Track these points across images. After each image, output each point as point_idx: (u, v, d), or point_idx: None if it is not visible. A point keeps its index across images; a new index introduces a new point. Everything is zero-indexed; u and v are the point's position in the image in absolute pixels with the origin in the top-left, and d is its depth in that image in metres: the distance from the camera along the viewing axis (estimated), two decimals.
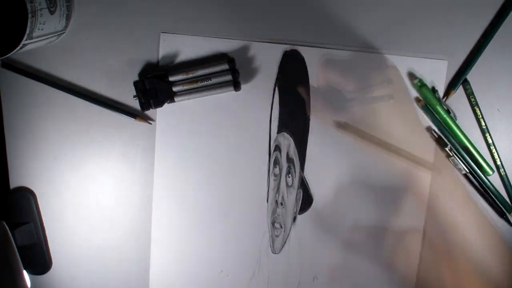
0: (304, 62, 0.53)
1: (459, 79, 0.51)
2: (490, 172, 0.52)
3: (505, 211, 0.53)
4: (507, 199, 0.53)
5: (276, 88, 0.53)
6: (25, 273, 0.53)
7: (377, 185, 0.53)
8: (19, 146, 0.56)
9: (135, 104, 0.55)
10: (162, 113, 0.55)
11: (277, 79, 0.53)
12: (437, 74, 0.52)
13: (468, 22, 0.51)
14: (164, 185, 0.56)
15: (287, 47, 0.53)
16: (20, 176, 0.57)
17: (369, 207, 0.54)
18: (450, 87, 0.52)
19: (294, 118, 0.53)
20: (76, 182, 0.57)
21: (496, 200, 0.53)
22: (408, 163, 0.53)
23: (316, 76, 0.52)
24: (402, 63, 0.52)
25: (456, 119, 0.52)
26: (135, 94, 0.53)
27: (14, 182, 0.57)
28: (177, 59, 0.54)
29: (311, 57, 0.52)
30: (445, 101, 0.52)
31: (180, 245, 0.57)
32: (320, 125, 0.53)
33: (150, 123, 0.55)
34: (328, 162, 0.54)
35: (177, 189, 0.56)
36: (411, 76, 0.52)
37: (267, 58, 0.53)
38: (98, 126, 0.56)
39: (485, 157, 0.53)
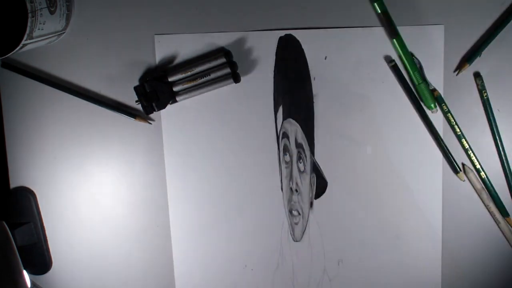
0: (300, 45, 0.53)
1: (476, 53, 0.50)
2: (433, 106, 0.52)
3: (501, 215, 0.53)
4: (511, 199, 0.53)
5: (276, 75, 0.53)
6: (25, 273, 0.53)
7: (392, 155, 0.53)
8: (19, 146, 0.56)
9: (134, 103, 0.55)
10: (166, 115, 0.55)
11: (276, 65, 0.53)
12: (435, 40, 0.51)
13: None
14: (177, 185, 0.56)
15: (282, 33, 0.53)
16: (20, 176, 0.57)
17: (387, 181, 0.54)
18: (465, 60, 0.51)
19: (297, 103, 0.54)
20: (76, 182, 0.57)
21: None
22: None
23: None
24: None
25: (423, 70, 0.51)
26: (136, 99, 0.53)
27: (14, 182, 0.57)
28: (174, 59, 0.54)
29: (307, 39, 0.52)
30: (457, 74, 0.51)
31: (200, 244, 0.57)
32: (325, 106, 0.53)
33: (150, 123, 0.55)
34: (338, 143, 0.54)
35: (190, 188, 0.56)
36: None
37: (263, 46, 0.53)
38: (98, 126, 0.56)
39: (490, 157, 0.53)
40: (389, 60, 0.52)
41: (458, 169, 0.53)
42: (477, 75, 0.51)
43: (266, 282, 0.57)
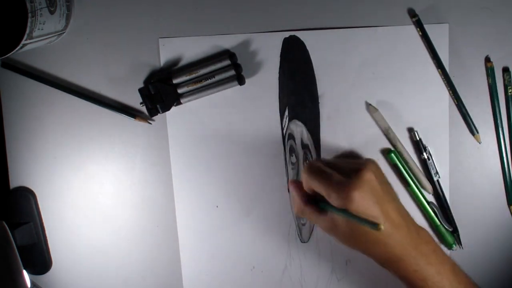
0: (305, 46, 0.53)
1: None
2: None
3: None
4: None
5: (281, 76, 0.53)
6: (25, 273, 0.53)
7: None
8: (19, 146, 0.56)
9: (134, 103, 0.55)
10: (171, 117, 0.55)
11: (281, 67, 0.53)
12: (440, 38, 0.51)
13: None
14: (184, 187, 0.56)
15: (286, 34, 0.53)
16: (20, 176, 0.57)
17: (393, 180, 0.53)
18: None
19: (303, 104, 0.54)
20: (76, 182, 0.57)
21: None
22: None
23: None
24: (401, 33, 0.52)
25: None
26: (141, 101, 0.53)
27: (14, 182, 0.57)
28: (179, 61, 0.54)
29: (311, 40, 0.52)
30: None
31: (208, 246, 0.57)
32: (331, 106, 0.53)
33: (150, 123, 0.55)
34: (344, 143, 0.54)
35: (196, 190, 0.56)
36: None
37: (268, 48, 0.53)
38: (98, 126, 0.56)
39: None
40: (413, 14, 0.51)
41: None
42: (505, 70, 0.51)
43: (274, 283, 0.57)
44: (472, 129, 0.52)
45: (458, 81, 0.52)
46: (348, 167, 0.45)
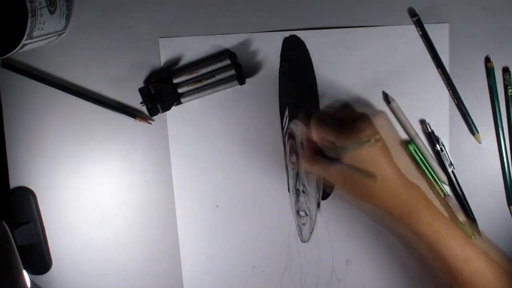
0: (305, 46, 0.53)
1: None
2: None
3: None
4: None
5: (281, 76, 0.53)
6: (25, 273, 0.53)
7: None
8: (19, 146, 0.56)
9: (134, 103, 0.55)
10: (172, 117, 0.55)
11: (281, 66, 0.53)
12: (440, 38, 0.51)
13: None
14: (184, 187, 0.56)
15: (286, 34, 0.53)
16: (20, 176, 0.57)
17: None
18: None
19: (303, 104, 0.54)
20: (76, 182, 0.57)
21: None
22: None
23: None
24: (401, 33, 0.52)
25: None
26: (141, 101, 0.53)
27: (14, 182, 0.57)
28: (179, 60, 0.54)
29: (311, 39, 0.52)
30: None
31: (208, 246, 0.57)
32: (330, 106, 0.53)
33: (150, 123, 0.55)
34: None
35: (197, 190, 0.56)
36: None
37: (268, 47, 0.53)
38: (98, 126, 0.56)
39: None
40: (412, 13, 0.51)
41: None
42: (505, 70, 0.51)
43: (274, 283, 0.57)
44: (472, 129, 0.52)
45: (458, 81, 0.52)
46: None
